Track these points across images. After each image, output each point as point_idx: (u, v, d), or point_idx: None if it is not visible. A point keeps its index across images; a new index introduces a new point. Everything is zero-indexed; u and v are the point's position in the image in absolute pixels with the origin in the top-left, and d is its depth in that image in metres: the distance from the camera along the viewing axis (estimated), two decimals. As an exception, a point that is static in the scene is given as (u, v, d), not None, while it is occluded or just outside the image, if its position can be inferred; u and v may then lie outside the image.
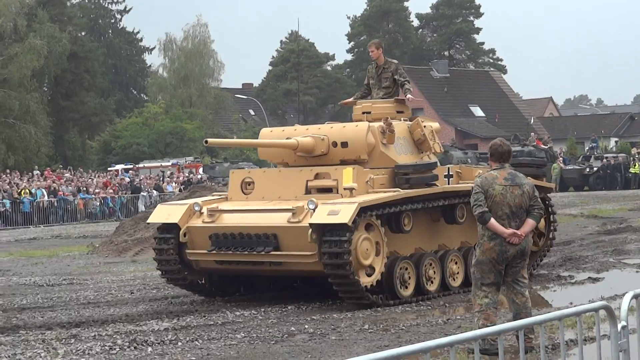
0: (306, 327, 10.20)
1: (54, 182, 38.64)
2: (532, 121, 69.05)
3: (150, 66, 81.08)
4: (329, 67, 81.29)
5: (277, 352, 8.98)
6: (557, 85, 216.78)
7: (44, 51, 51.41)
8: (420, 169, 12.40)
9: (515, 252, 8.40)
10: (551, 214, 14.59)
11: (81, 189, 38.74)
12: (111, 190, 39.92)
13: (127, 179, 42.61)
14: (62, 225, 35.10)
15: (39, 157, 51.95)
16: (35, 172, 42.96)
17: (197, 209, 12.36)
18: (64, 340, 9.87)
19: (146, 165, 50.72)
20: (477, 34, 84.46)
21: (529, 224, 8.45)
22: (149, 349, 9.27)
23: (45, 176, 41.08)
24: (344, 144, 12.45)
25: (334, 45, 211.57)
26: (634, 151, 51.04)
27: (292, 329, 10.11)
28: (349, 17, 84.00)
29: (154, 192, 40.42)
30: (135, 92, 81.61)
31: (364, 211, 11.30)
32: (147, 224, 15.15)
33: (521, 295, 8.52)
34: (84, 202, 37.71)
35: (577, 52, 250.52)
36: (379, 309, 11.37)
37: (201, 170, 48.34)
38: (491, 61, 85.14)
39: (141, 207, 37.48)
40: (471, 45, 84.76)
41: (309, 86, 75.20)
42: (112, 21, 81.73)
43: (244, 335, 9.82)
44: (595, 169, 46.02)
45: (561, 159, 48.40)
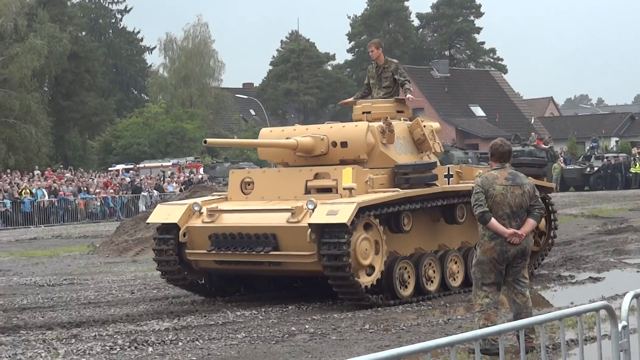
0: (307, 327, 10.20)
1: (54, 182, 38.65)
2: (533, 121, 69.06)
3: (150, 66, 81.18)
4: (329, 67, 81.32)
5: (278, 352, 8.98)
6: (558, 85, 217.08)
7: (44, 51, 51.39)
8: (419, 169, 12.38)
9: (516, 252, 8.40)
10: (552, 212, 14.58)
11: (82, 189, 38.75)
12: (112, 190, 39.93)
13: (128, 179, 42.61)
14: (63, 225, 35.09)
15: (39, 157, 51.93)
16: (35, 172, 42.96)
17: (196, 209, 12.36)
18: (64, 340, 9.87)
19: (147, 165, 50.73)
20: (478, 33, 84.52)
21: (530, 223, 8.45)
22: (150, 349, 9.28)
23: (45, 176, 41.08)
24: (344, 144, 12.44)
25: (335, 45, 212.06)
26: (635, 151, 51.06)
27: (293, 329, 10.11)
28: (349, 17, 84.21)
29: (155, 192, 40.41)
30: (135, 92, 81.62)
31: (363, 211, 11.28)
32: (147, 224, 15.15)
33: (522, 295, 8.52)
34: (85, 202, 37.72)
35: (577, 51, 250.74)
36: (379, 308, 11.36)
37: (202, 170, 48.34)
38: (492, 61, 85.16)
39: (142, 207, 37.47)
40: (472, 45, 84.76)
41: (310, 86, 75.21)
42: (113, 21, 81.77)
43: (244, 335, 9.81)
44: (595, 168, 46.01)
45: (562, 158, 48.41)
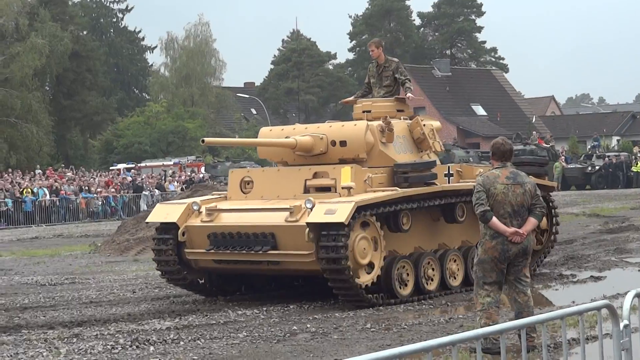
0: (308, 326, 10.19)
1: (56, 182, 38.65)
2: (534, 120, 69.06)
3: (152, 65, 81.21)
4: (330, 66, 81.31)
5: (279, 351, 8.97)
6: (559, 84, 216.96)
7: (45, 50, 51.39)
8: (418, 168, 12.33)
9: (517, 251, 8.40)
10: (553, 208, 14.56)
11: (83, 188, 38.76)
12: (113, 189, 39.95)
13: (129, 178, 42.63)
14: (64, 224, 35.10)
15: (40, 157, 51.95)
16: (37, 171, 42.97)
17: (195, 208, 12.35)
18: (66, 339, 9.87)
19: (148, 164, 50.75)
20: (479, 32, 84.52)
21: (531, 222, 8.45)
22: (151, 348, 9.28)
23: (47, 175, 41.09)
24: (343, 143, 12.41)
25: (336, 44, 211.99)
26: (636, 150, 51.07)
27: (294, 328, 10.10)
28: (350, 16, 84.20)
29: (156, 191, 40.41)
30: (137, 91, 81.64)
31: (361, 210, 11.25)
32: (147, 223, 15.14)
33: (523, 294, 8.52)
34: (86, 201, 37.73)
35: (578, 50, 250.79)
36: (381, 307, 11.35)
37: (203, 169, 48.36)
38: (493, 60, 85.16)
39: (143, 206, 37.48)
40: (473, 44, 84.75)
41: (311, 85, 75.22)
42: (114, 20, 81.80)
43: (246, 334, 9.81)
44: (597, 167, 46.01)
45: (563, 157, 48.42)
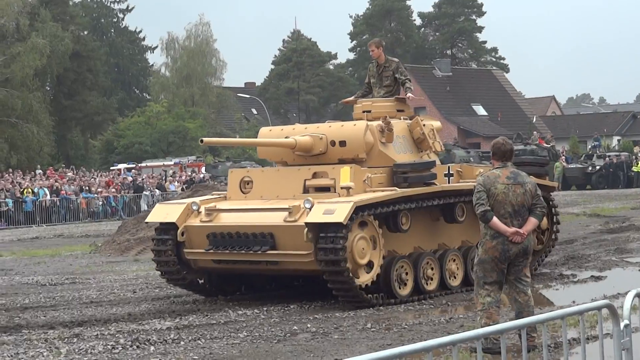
0: (309, 326, 10.19)
1: (56, 182, 38.67)
2: (535, 120, 69.05)
3: (152, 65, 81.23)
4: (331, 66, 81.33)
5: (280, 351, 8.97)
6: (560, 84, 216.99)
7: (46, 50, 51.39)
8: (418, 168, 12.30)
9: (517, 250, 8.40)
10: (554, 207, 14.55)
11: (84, 188, 38.76)
12: (114, 189, 39.96)
13: (130, 178, 42.64)
14: (65, 224, 35.11)
15: (41, 157, 51.95)
16: (37, 171, 42.99)
17: (195, 208, 12.35)
18: (66, 339, 9.87)
19: (148, 164, 50.77)
20: (480, 32, 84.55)
21: (532, 222, 8.45)
22: (152, 348, 9.28)
23: (47, 175, 41.11)
24: (342, 143, 12.40)
25: (336, 44, 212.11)
26: (637, 150, 51.08)
27: (295, 327, 10.10)
28: (351, 16, 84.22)
29: (157, 191, 40.41)
30: (137, 91, 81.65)
31: (360, 210, 11.22)
32: (146, 223, 15.13)
33: (523, 294, 8.51)
34: (87, 201, 37.74)
35: (579, 50, 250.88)
36: (381, 307, 11.35)
37: (204, 169, 48.36)
38: (493, 60, 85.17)
39: (144, 207, 37.48)
40: (473, 44, 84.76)
41: (311, 85, 75.23)
42: (115, 20, 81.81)
43: (246, 334, 9.81)
44: (597, 167, 46.01)
45: (564, 157, 48.42)
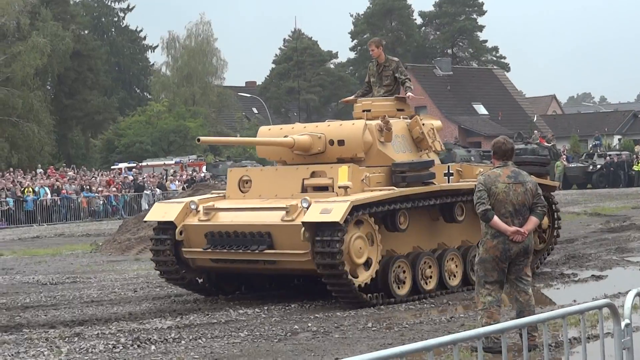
0: (309, 325, 10.19)
1: (57, 181, 38.68)
2: (536, 119, 68.97)
3: (153, 64, 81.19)
4: (332, 65, 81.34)
5: (281, 350, 8.97)
6: (560, 83, 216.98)
7: (47, 49, 51.41)
8: (416, 167, 12.26)
9: (518, 250, 8.40)
10: (554, 204, 14.54)
11: (84, 187, 38.77)
12: (114, 188, 39.97)
13: (131, 178, 42.64)
14: (66, 223, 35.11)
15: (42, 156, 51.97)
16: (38, 170, 42.99)
17: (193, 207, 12.35)
18: (67, 338, 9.87)
19: (149, 163, 50.77)
20: (480, 31, 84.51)
21: (532, 221, 8.45)
22: (152, 347, 9.28)
23: (48, 174, 41.11)
24: (341, 142, 12.39)
25: (337, 43, 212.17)
26: (638, 149, 51.02)
27: (296, 327, 10.10)
28: (352, 15, 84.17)
29: (157, 190, 40.42)
30: (138, 91, 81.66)
31: (357, 209, 11.21)
32: (144, 221, 15.14)
33: (524, 293, 8.51)
34: (87, 200, 37.74)
35: (579, 49, 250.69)
36: (382, 307, 11.34)
37: (204, 168, 48.37)
38: (494, 59, 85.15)
39: (144, 206, 37.47)
40: (474, 43, 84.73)
41: (312, 84, 75.23)
42: (115, 19, 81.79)
43: (247, 333, 9.81)
44: (598, 166, 46.00)
45: (564, 156, 48.40)
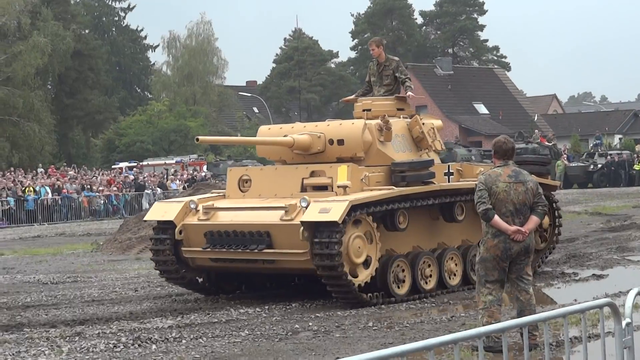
0: (310, 324, 10.20)
1: (58, 180, 38.68)
2: (536, 118, 68.96)
3: (154, 64, 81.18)
4: (332, 65, 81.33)
5: (281, 350, 8.98)
6: (561, 82, 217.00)
7: (47, 49, 51.40)
8: (416, 167, 12.24)
9: (519, 249, 8.40)
10: (555, 202, 14.52)
11: (85, 186, 38.77)
12: (115, 188, 39.97)
13: (131, 177, 42.63)
14: (66, 223, 35.10)
15: (43, 155, 51.98)
16: (39, 169, 43.01)
17: (192, 206, 12.35)
18: (68, 337, 9.88)
19: (150, 163, 50.79)
20: (481, 31, 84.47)
21: (533, 221, 8.45)
22: (153, 346, 9.28)
23: (49, 174, 41.12)
24: (340, 142, 12.38)
25: (338, 42, 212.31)
26: (638, 148, 51.03)
27: (296, 326, 10.10)
28: (352, 15, 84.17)
29: (158, 189, 40.41)
30: (139, 90, 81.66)
31: (356, 209, 11.20)
32: (144, 221, 15.14)
33: (525, 292, 8.51)
34: (88, 199, 37.74)
35: (580, 49, 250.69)
36: (382, 306, 11.35)
37: (205, 167, 48.37)
38: (495, 58, 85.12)
39: (145, 205, 37.46)
40: (475, 42, 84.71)
41: (313, 84, 75.23)
42: (116, 19, 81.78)
43: (248, 332, 9.82)
44: (599, 166, 46.00)
45: (565, 156, 48.41)
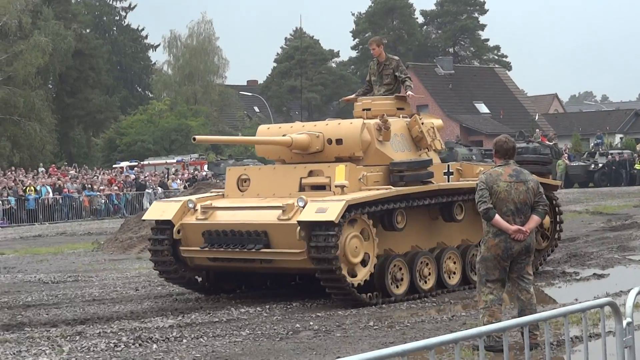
0: (311, 324, 10.20)
1: (59, 179, 38.68)
2: (537, 118, 68.97)
3: (155, 63, 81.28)
4: (333, 64, 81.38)
5: (282, 349, 8.98)
6: (562, 81, 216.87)
7: (48, 48, 51.42)
8: (414, 166, 12.22)
9: (520, 248, 8.39)
10: (556, 203, 14.50)
11: (86, 186, 38.77)
12: (116, 187, 39.97)
13: (132, 176, 42.64)
14: (67, 222, 35.09)
15: (44, 155, 52.00)
16: (40, 169, 43.01)
17: (190, 206, 12.35)
18: (69, 337, 9.88)
19: (151, 162, 50.82)
20: (482, 30, 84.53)
21: (534, 220, 8.45)
22: (154, 346, 9.28)
23: (50, 173, 41.13)
24: (339, 141, 12.37)
25: (339, 42, 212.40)
26: (639, 147, 51.00)
27: (297, 325, 10.11)
28: (353, 14, 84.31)
29: (159, 189, 40.40)
30: (140, 90, 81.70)
31: (353, 209, 11.19)
32: (142, 220, 15.13)
33: (526, 291, 8.51)
34: (89, 199, 37.73)
35: (581, 48, 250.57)
36: (383, 305, 11.35)
37: (206, 167, 48.37)
38: (496, 58, 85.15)
39: (146, 204, 37.42)
40: (476, 41, 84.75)
41: (314, 83, 75.24)
42: (117, 18, 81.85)
43: (248, 332, 9.82)
44: (600, 165, 46.01)
45: (566, 155, 48.39)
